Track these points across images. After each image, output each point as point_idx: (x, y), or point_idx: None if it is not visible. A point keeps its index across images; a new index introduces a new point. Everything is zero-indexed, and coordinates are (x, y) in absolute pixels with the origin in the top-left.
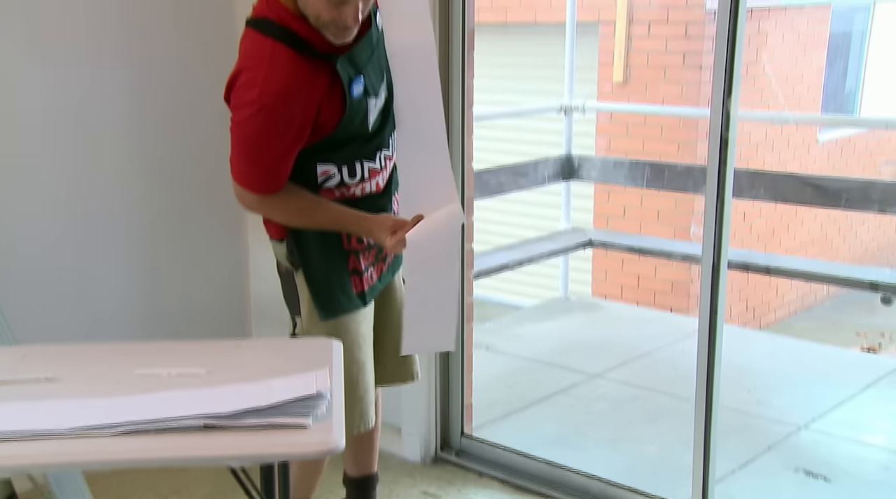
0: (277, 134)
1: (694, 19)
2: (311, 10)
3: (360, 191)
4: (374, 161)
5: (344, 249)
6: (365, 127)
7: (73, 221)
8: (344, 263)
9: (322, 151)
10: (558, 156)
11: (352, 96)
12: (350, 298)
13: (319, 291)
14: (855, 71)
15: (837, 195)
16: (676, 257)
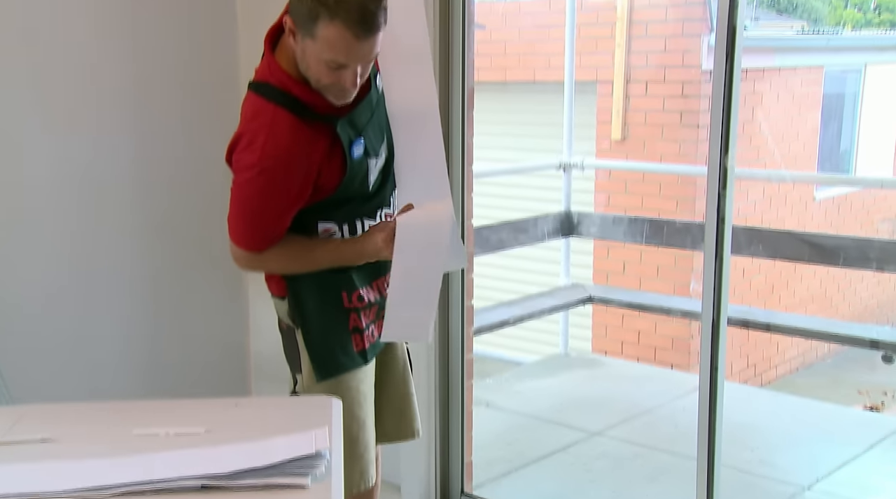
0: (277, 196)
1: (690, 79)
2: (312, 74)
3: None
4: (374, 219)
5: (344, 308)
6: (365, 187)
7: (73, 278)
8: (344, 323)
9: (323, 210)
10: (558, 212)
11: (352, 158)
12: (350, 357)
13: (318, 352)
14: (849, 131)
15: (835, 253)
16: (676, 314)
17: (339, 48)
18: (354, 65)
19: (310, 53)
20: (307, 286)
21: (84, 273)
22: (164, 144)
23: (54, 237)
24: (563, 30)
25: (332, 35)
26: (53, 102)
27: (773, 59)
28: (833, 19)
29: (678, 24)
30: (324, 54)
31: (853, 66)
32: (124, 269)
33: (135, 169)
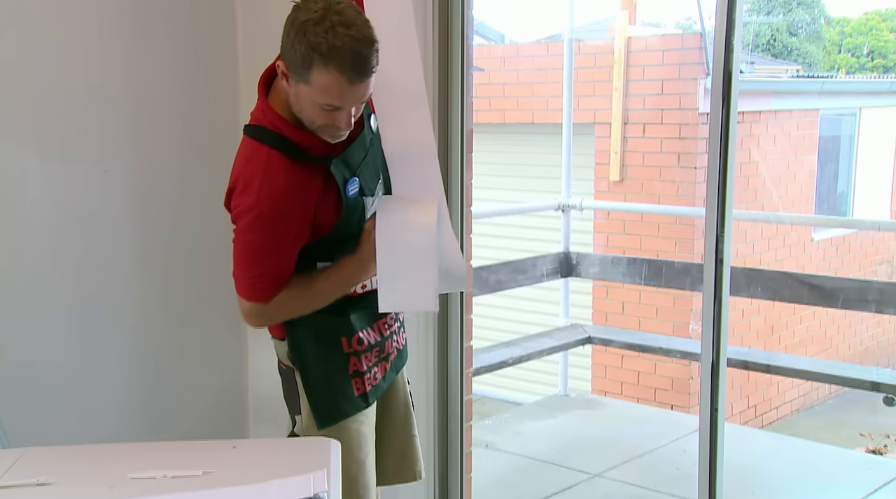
0: (276, 239)
1: (687, 121)
2: (307, 116)
3: (361, 288)
4: None
5: (343, 353)
6: (362, 225)
7: (70, 317)
8: (344, 367)
9: (321, 250)
10: (556, 253)
11: (347, 196)
12: (351, 402)
13: (318, 398)
14: (846, 173)
15: (834, 295)
16: (676, 355)
17: (334, 93)
18: (349, 107)
19: (304, 97)
20: (305, 332)
21: (81, 312)
22: (164, 183)
23: (51, 276)
24: (561, 73)
25: (326, 81)
26: (53, 136)
27: (769, 103)
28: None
29: (675, 68)
30: (318, 99)
31: (848, 110)
32: (123, 308)
33: (134, 207)
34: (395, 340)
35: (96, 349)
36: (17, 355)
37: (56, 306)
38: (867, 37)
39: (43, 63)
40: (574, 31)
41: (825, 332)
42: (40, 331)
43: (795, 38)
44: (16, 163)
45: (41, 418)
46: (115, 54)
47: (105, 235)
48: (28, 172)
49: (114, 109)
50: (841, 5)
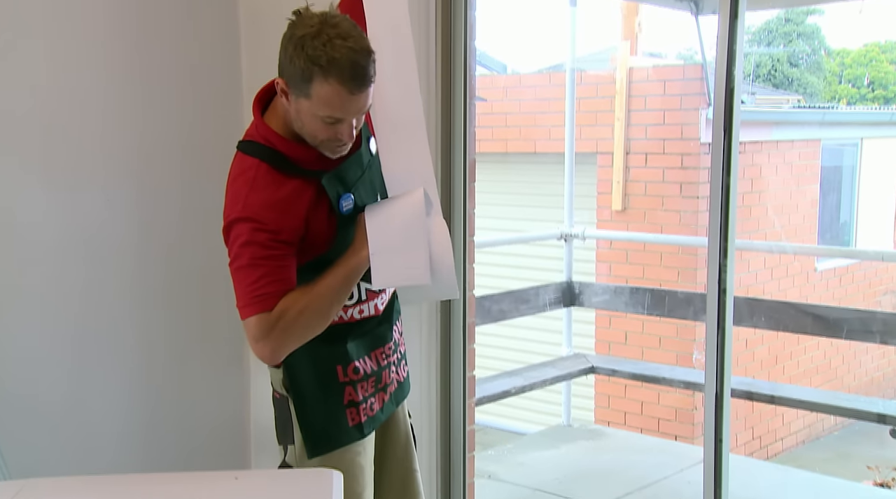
0: (270, 245)
1: (689, 151)
2: (308, 131)
3: (359, 313)
4: (370, 282)
5: (339, 382)
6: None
7: (71, 346)
8: (339, 397)
9: (318, 271)
10: (559, 282)
11: (341, 211)
12: (344, 431)
13: (311, 426)
14: (848, 203)
15: (838, 325)
16: (679, 385)
17: (335, 104)
18: (350, 118)
19: (305, 111)
20: (301, 359)
21: (83, 340)
22: (166, 211)
23: (53, 304)
24: (563, 103)
25: (327, 93)
26: (56, 162)
27: (771, 133)
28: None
29: (676, 99)
30: (320, 111)
31: (850, 141)
32: (124, 337)
33: (136, 235)
34: (395, 371)
35: (97, 378)
36: (18, 385)
37: (58, 334)
38: (867, 68)
39: (47, 89)
40: (576, 62)
41: (830, 362)
42: (41, 360)
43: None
44: (18, 188)
45: (42, 447)
46: (119, 81)
47: (107, 262)
48: (31, 197)
49: (117, 136)
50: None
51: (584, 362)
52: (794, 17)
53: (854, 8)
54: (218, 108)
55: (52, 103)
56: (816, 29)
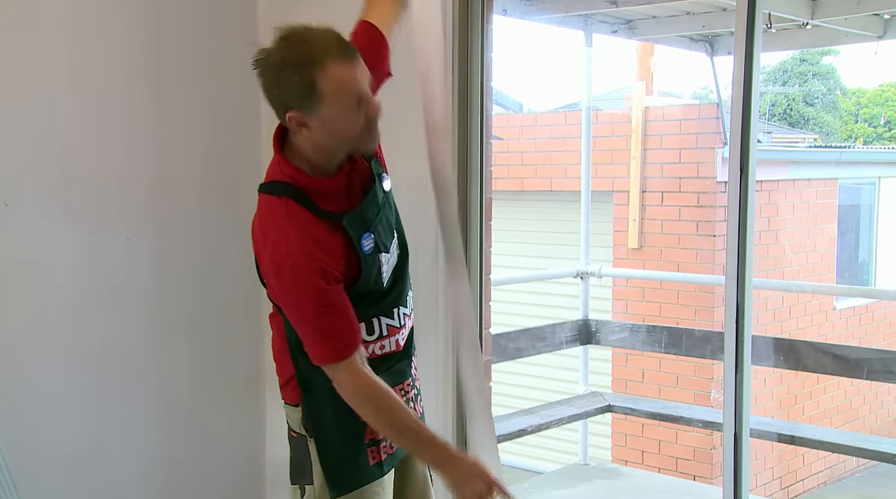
0: (329, 282)
1: (705, 190)
2: (346, 131)
3: (380, 349)
4: (392, 318)
5: (360, 421)
6: (380, 284)
7: (89, 384)
8: (360, 435)
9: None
10: (576, 320)
11: (363, 251)
12: (365, 471)
13: (333, 465)
14: (867, 242)
15: (858, 365)
16: (697, 424)
17: (351, 80)
18: (367, 88)
19: (335, 118)
20: (322, 398)
21: (102, 384)
22: (186, 251)
23: (74, 345)
24: (578, 141)
25: (336, 78)
26: (78, 204)
27: (788, 172)
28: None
29: (692, 138)
30: (343, 101)
31: (867, 179)
32: (142, 380)
33: (157, 275)
34: (413, 407)
35: (117, 421)
36: (39, 429)
37: (78, 378)
38: (883, 107)
39: (69, 132)
40: (592, 101)
41: (850, 402)
42: (63, 404)
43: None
44: (40, 229)
45: (62, 487)
46: (140, 123)
47: (127, 302)
48: (52, 240)
49: (138, 178)
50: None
51: (600, 401)
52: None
53: (869, 49)
54: (237, 148)
55: (73, 145)
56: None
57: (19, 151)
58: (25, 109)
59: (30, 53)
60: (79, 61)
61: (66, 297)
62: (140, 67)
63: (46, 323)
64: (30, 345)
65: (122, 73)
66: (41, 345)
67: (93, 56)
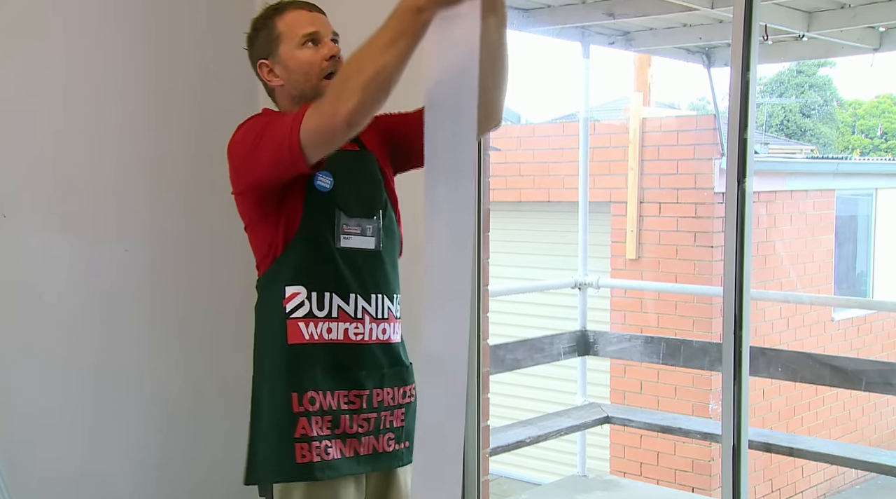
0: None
1: (703, 200)
2: (303, 71)
3: (327, 333)
4: (346, 302)
5: (293, 411)
6: (330, 241)
7: (88, 406)
8: (291, 426)
9: (291, 269)
10: (573, 331)
11: (314, 185)
12: (289, 465)
13: (256, 452)
14: (864, 253)
15: (857, 377)
16: (696, 436)
17: (303, 21)
18: (323, 31)
19: (289, 56)
20: (266, 378)
21: (98, 400)
22: (184, 263)
23: (69, 363)
24: (576, 152)
25: (291, 20)
26: (75, 215)
27: (785, 183)
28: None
29: (689, 149)
30: (295, 39)
31: (864, 191)
32: (137, 386)
33: (154, 287)
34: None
35: (113, 430)
36: (35, 446)
37: (74, 393)
38: (879, 119)
39: (66, 143)
40: (589, 112)
41: (849, 414)
42: (59, 414)
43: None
44: (38, 241)
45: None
46: (137, 134)
47: (124, 313)
48: (50, 250)
49: (135, 189)
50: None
51: (599, 412)
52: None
53: (865, 61)
54: None
55: (70, 155)
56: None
57: (16, 162)
58: (22, 120)
59: (27, 63)
60: (76, 71)
61: (64, 308)
62: (137, 77)
63: (43, 335)
64: (27, 357)
65: (118, 82)
66: (38, 357)
67: (90, 66)
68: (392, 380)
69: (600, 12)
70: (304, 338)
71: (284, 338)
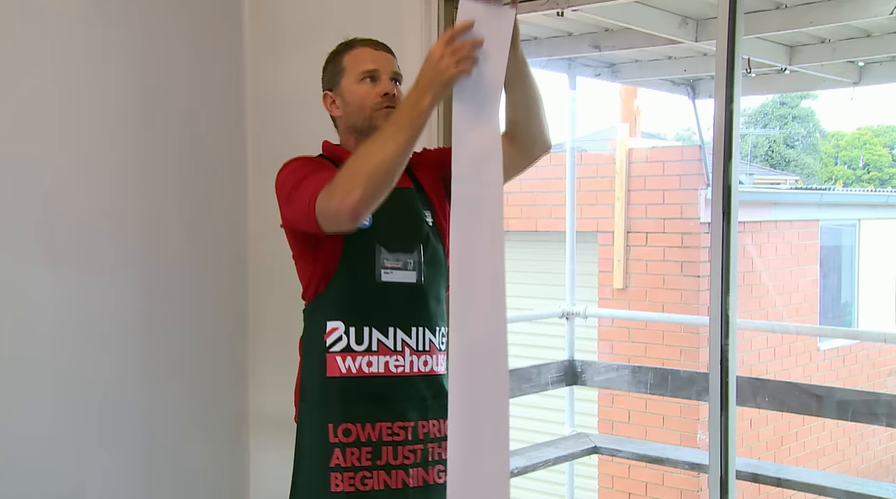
0: (314, 161)
1: (689, 230)
2: (358, 104)
3: (367, 366)
4: (385, 335)
5: (329, 442)
6: (371, 275)
7: (76, 432)
8: (326, 455)
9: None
10: (561, 360)
11: None
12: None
13: (298, 483)
14: (849, 283)
15: (843, 407)
16: (684, 466)
17: (366, 59)
18: (384, 70)
19: (348, 89)
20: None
21: (87, 425)
22: (171, 292)
23: (58, 389)
24: (563, 182)
25: (355, 55)
26: (62, 244)
27: (770, 213)
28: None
29: (675, 179)
30: (355, 74)
31: (847, 221)
32: (126, 419)
33: (142, 315)
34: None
35: (101, 462)
36: (23, 471)
37: (63, 418)
38: (861, 150)
39: (54, 173)
40: (576, 142)
41: (836, 444)
42: (47, 446)
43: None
44: (24, 270)
45: None
46: (124, 164)
47: (112, 343)
48: (37, 279)
49: (123, 219)
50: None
51: (587, 442)
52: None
53: (846, 94)
54: (223, 187)
55: (61, 187)
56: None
57: (2, 190)
58: (8, 149)
59: (14, 92)
60: (66, 101)
61: (52, 338)
62: (125, 105)
63: (31, 364)
64: (13, 386)
65: (106, 111)
66: (25, 386)
67: (80, 95)
68: (437, 411)
69: (586, 45)
70: (341, 371)
71: (323, 371)
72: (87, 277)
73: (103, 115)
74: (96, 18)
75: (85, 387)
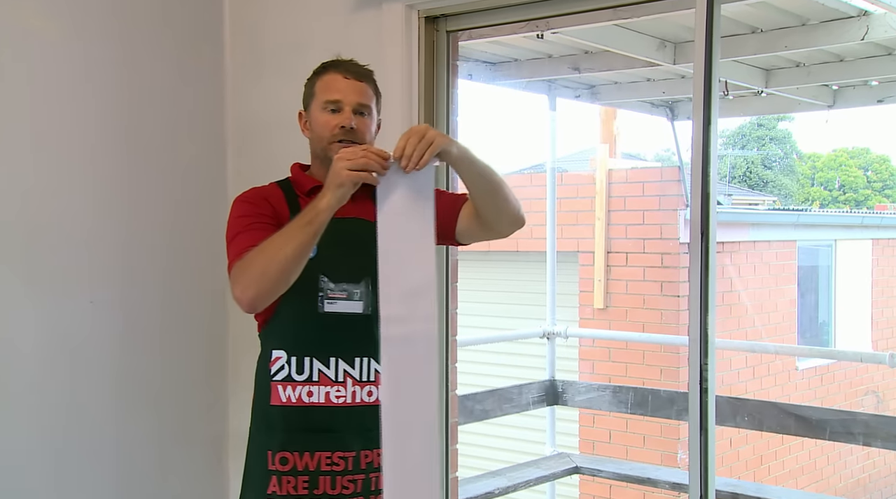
0: (251, 213)
1: (669, 251)
2: (318, 133)
3: (308, 396)
4: (327, 366)
5: (267, 469)
6: (314, 304)
7: (53, 459)
8: (264, 482)
9: (277, 332)
10: (542, 380)
11: None
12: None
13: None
14: (826, 302)
15: (820, 426)
16: (664, 485)
17: (332, 87)
18: (349, 101)
19: (313, 116)
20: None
21: (65, 452)
22: (150, 315)
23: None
24: (544, 203)
25: (325, 81)
26: (40, 267)
27: (748, 234)
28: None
29: (655, 199)
30: (321, 101)
31: (824, 242)
32: (104, 446)
33: (120, 339)
34: (371, 497)
35: (77, 487)
36: None
37: (40, 446)
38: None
39: (31, 195)
40: (556, 163)
41: (815, 463)
42: (24, 472)
43: (770, 170)
44: (2, 294)
45: None
46: (104, 188)
47: (90, 367)
48: (15, 306)
49: (102, 240)
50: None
51: (568, 462)
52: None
53: (821, 117)
54: (203, 209)
55: (39, 208)
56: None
57: None
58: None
59: None
60: (45, 120)
61: (29, 362)
62: (105, 129)
63: (9, 388)
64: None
65: (86, 135)
66: (3, 411)
67: (60, 115)
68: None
69: (566, 66)
70: (282, 400)
71: (268, 398)
72: (65, 299)
73: (83, 136)
74: (77, 38)
75: (63, 412)
